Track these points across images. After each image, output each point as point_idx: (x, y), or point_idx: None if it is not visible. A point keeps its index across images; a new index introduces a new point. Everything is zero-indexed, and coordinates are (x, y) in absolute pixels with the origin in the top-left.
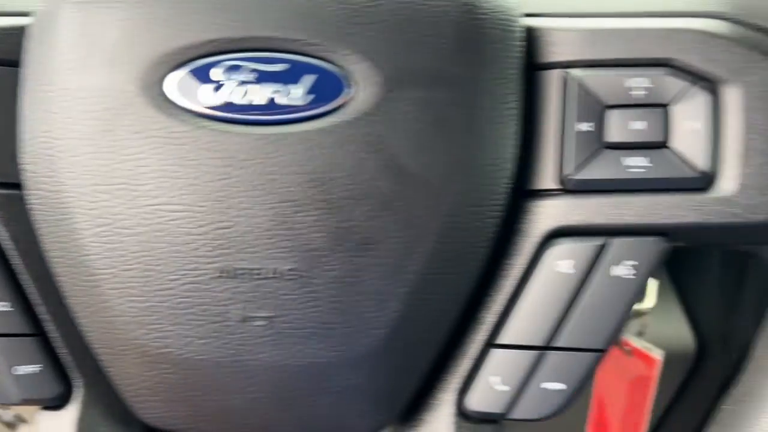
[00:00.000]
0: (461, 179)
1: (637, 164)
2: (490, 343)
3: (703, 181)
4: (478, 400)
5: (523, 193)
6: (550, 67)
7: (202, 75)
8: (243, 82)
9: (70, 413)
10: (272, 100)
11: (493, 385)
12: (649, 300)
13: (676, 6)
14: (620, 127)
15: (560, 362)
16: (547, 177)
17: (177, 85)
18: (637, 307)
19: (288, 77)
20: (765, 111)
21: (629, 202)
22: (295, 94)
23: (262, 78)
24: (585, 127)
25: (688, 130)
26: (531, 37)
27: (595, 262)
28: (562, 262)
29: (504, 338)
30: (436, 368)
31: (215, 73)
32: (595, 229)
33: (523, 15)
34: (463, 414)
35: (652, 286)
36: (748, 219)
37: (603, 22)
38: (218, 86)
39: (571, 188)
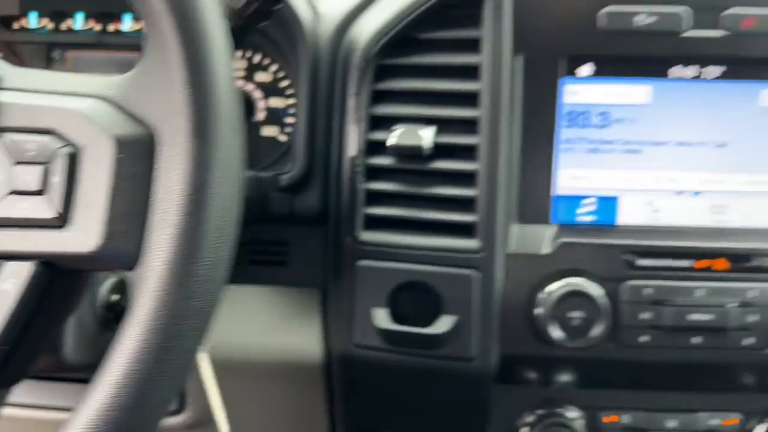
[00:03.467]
0: None
1: (23, 207)
2: None
3: (59, 221)
4: None
5: None
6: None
7: None
8: None
9: None
10: None
11: None
12: None
13: (79, 88)
14: (16, 178)
15: None
16: None
17: None
18: None
19: None
20: (98, 169)
21: (13, 235)
22: None
23: None
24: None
25: (54, 182)
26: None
27: None
28: None
29: None
30: None
31: None
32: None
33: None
34: None
35: None
36: (78, 249)
37: (22, 97)
38: None
39: None
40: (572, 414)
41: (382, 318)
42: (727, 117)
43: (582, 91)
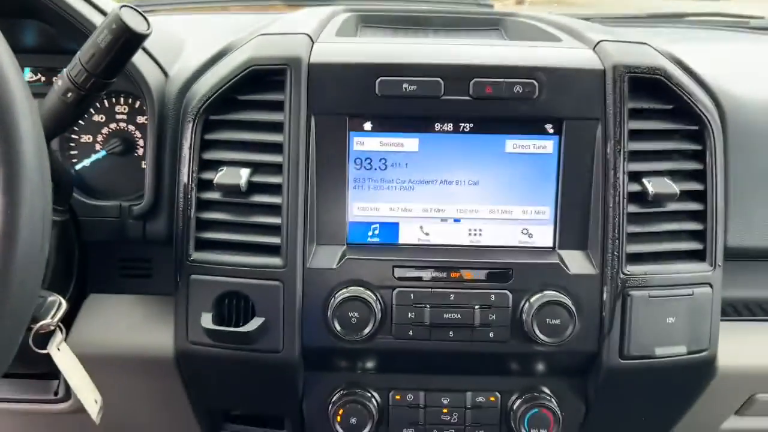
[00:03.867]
0: None
1: None
2: None
3: None
4: None
5: None
6: None
7: None
8: None
9: None
10: None
11: None
12: None
13: None
14: None
15: None
16: None
17: None
18: None
19: None
20: None
21: None
22: None
23: None
24: None
25: None
26: None
27: None
28: None
29: None
30: None
31: None
32: None
33: None
34: None
35: None
36: None
37: None
38: None
39: None
40: (368, 393)
41: (206, 320)
42: (479, 161)
43: (366, 141)
